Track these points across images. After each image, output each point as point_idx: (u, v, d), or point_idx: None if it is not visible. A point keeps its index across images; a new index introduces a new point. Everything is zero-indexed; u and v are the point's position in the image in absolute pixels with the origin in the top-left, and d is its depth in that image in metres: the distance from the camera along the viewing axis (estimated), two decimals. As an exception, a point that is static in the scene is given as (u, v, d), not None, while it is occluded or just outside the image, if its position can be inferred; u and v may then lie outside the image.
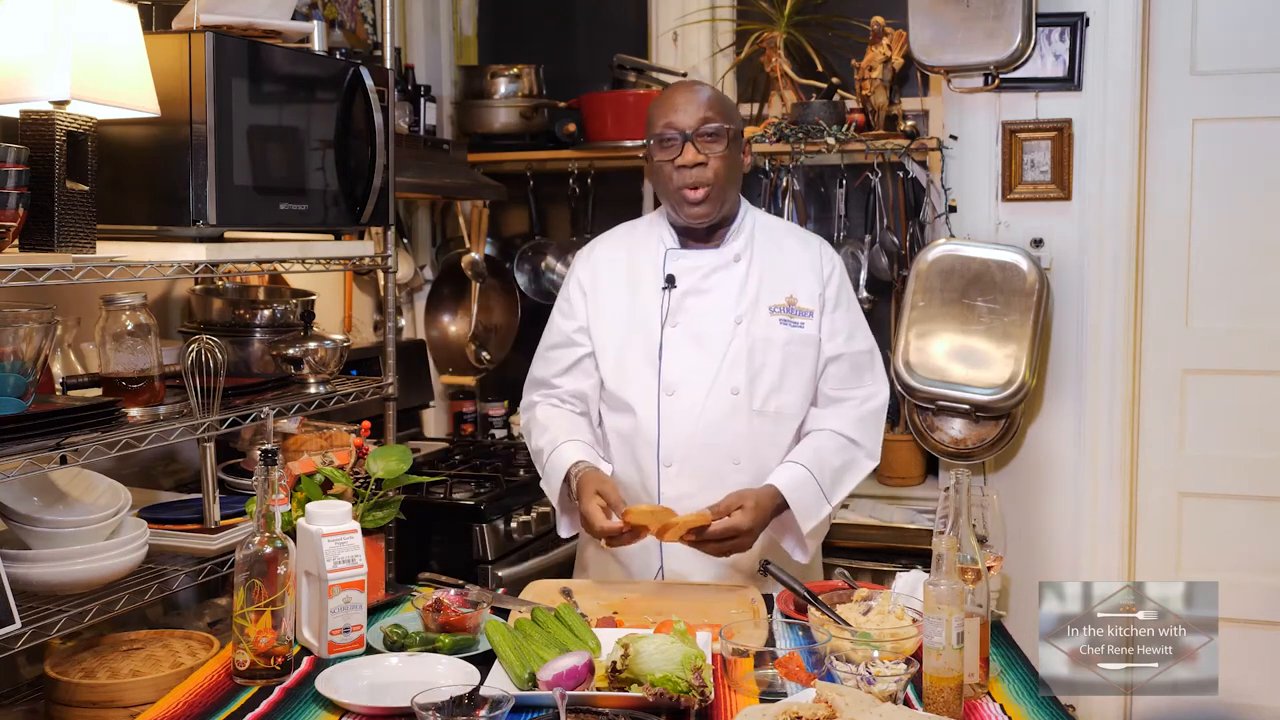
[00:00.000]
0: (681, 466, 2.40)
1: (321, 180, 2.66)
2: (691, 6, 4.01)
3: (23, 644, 1.96)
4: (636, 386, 2.43)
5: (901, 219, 3.70)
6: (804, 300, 2.46)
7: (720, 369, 2.40)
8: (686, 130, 2.36)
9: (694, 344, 2.42)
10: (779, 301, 2.45)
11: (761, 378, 2.41)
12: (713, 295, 2.45)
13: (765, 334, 2.42)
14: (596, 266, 2.54)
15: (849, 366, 2.48)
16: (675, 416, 2.40)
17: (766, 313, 2.43)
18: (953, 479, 1.84)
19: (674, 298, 2.43)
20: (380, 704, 1.76)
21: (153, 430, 2.20)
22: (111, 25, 2.10)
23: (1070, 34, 3.43)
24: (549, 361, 2.54)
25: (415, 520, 2.99)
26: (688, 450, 2.40)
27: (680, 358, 2.41)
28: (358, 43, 3.73)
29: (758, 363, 2.41)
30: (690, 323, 2.43)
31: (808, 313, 2.45)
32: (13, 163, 1.95)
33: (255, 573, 1.86)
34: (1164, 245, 3.49)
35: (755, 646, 1.89)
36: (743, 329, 2.42)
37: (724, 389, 2.40)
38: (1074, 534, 3.54)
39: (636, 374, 2.43)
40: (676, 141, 2.37)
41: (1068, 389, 3.53)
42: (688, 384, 2.41)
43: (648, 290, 2.46)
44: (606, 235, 2.63)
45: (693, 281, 2.45)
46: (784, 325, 2.44)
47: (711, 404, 2.40)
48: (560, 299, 2.57)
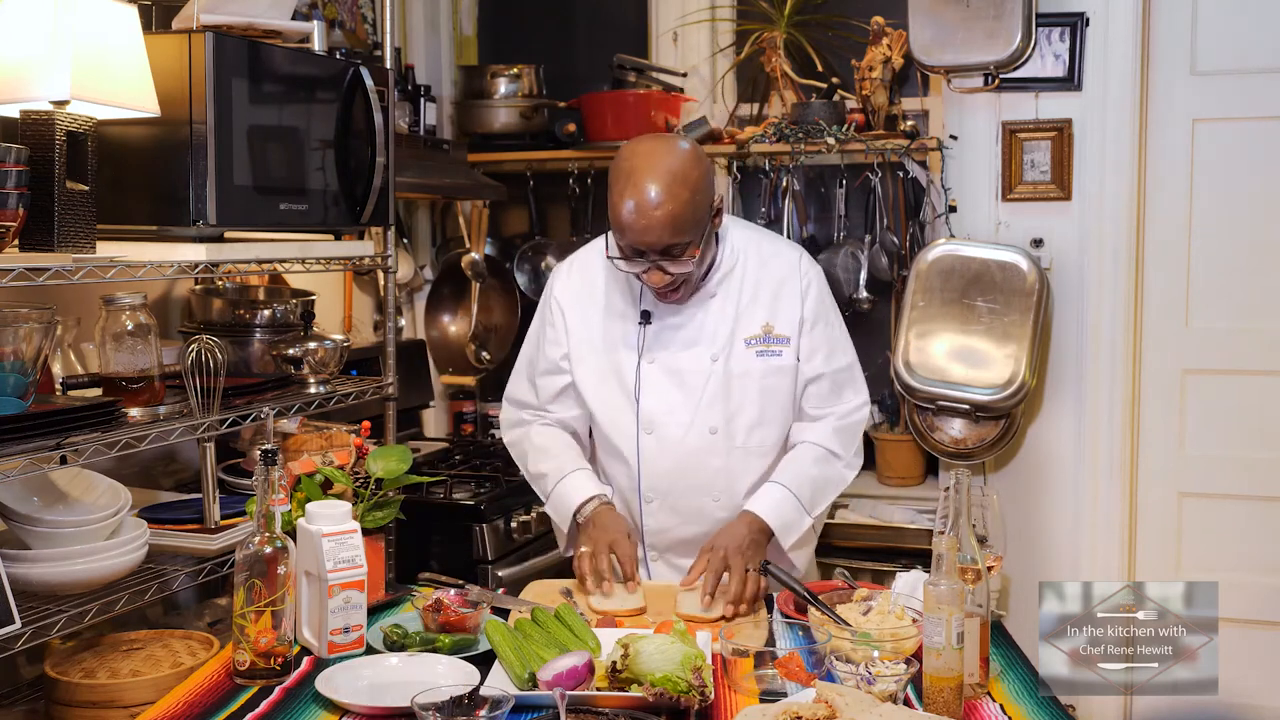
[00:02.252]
0: (662, 502, 2.43)
1: (321, 180, 2.66)
2: (691, 6, 4.01)
3: (23, 644, 1.96)
4: (616, 421, 2.43)
5: (901, 219, 3.70)
6: (780, 326, 2.41)
7: (698, 408, 2.39)
8: (650, 254, 2.23)
9: (671, 381, 2.40)
10: (755, 332, 2.40)
11: (740, 416, 2.40)
12: (687, 331, 2.41)
13: (743, 368, 2.39)
14: (575, 289, 2.49)
15: (829, 385, 2.45)
16: (654, 454, 2.41)
17: (743, 346, 2.40)
18: (953, 479, 1.85)
19: (649, 334, 2.41)
20: (380, 704, 1.76)
21: (153, 430, 2.20)
22: (111, 25, 2.10)
23: (1070, 34, 3.43)
24: (538, 388, 2.52)
25: (415, 520, 2.99)
26: (668, 486, 2.42)
27: (657, 396, 2.40)
28: (358, 43, 3.73)
29: (735, 401, 2.39)
30: (667, 359, 2.41)
31: (784, 339, 2.41)
32: (13, 163, 1.95)
33: (255, 573, 1.86)
34: (1164, 245, 3.49)
35: (755, 646, 1.89)
36: (719, 366, 2.39)
37: (702, 428, 2.40)
38: (1074, 534, 3.54)
39: (615, 409, 2.43)
40: (641, 259, 2.25)
41: (1068, 389, 3.53)
42: (665, 423, 2.40)
43: (623, 319, 2.43)
44: (583, 253, 2.55)
45: (667, 317, 2.41)
46: (760, 357, 2.40)
47: (690, 442, 2.40)
48: (543, 321, 2.52)
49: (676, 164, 2.22)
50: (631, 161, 2.23)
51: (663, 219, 2.18)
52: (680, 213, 2.19)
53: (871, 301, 3.70)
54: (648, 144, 2.29)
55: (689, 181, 2.21)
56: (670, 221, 2.18)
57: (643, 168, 2.20)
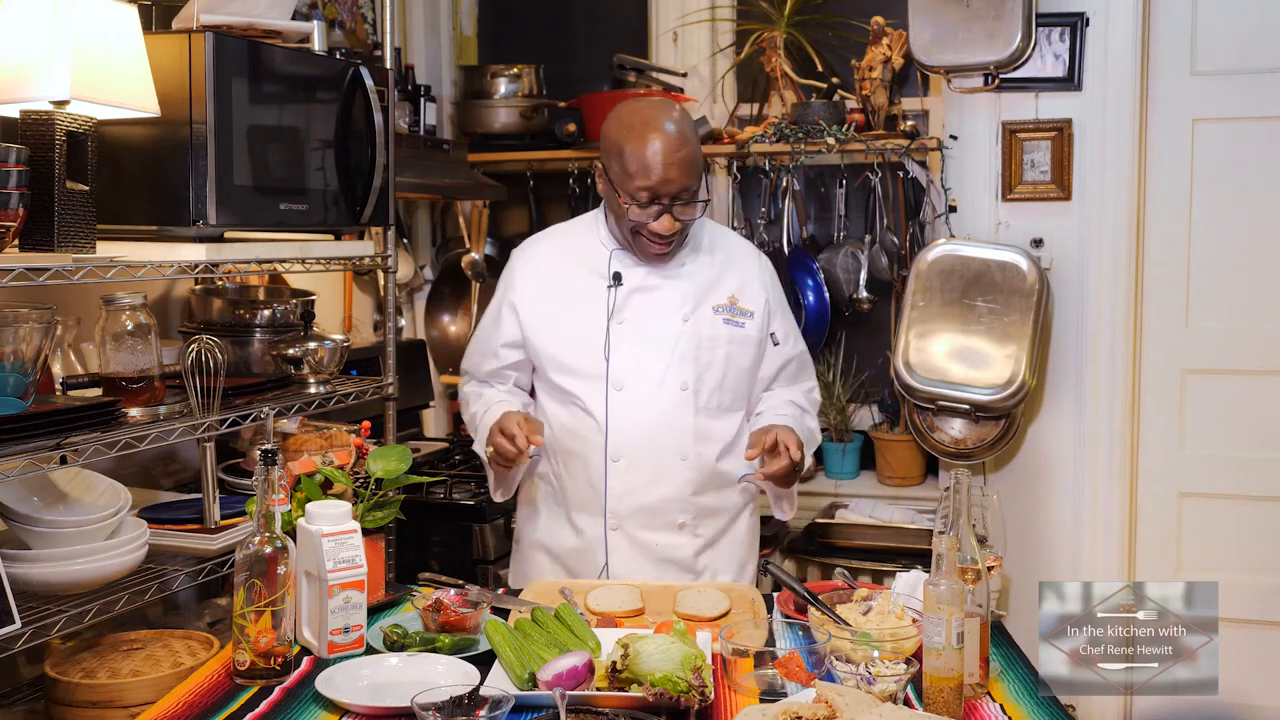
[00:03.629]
0: (630, 461, 2.44)
1: (321, 180, 2.66)
2: (691, 6, 4.01)
3: (23, 644, 1.96)
4: (582, 382, 2.46)
5: (901, 219, 3.70)
6: (745, 301, 2.52)
7: (669, 365, 2.45)
8: (666, 199, 2.35)
9: (642, 341, 2.45)
10: (721, 301, 2.51)
11: (707, 375, 2.47)
12: (659, 293, 2.48)
13: (710, 332, 2.48)
14: (537, 264, 2.56)
15: (796, 366, 2.63)
16: (624, 411, 2.43)
17: (710, 311, 2.49)
18: (953, 479, 1.85)
19: (620, 295, 2.46)
20: (380, 704, 1.76)
21: (153, 430, 2.20)
22: (111, 25, 2.10)
23: (1070, 34, 3.43)
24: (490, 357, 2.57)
25: (415, 520, 3.00)
26: (637, 445, 2.44)
27: (628, 354, 2.45)
28: (358, 43, 3.73)
29: (704, 360, 2.47)
30: (637, 320, 2.46)
31: (749, 313, 2.52)
32: (13, 163, 1.95)
33: (255, 573, 1.86)
34: (1164, 245, 3.49)
35: (755, 646, 1.89)
36: (689, 327, 2.47)
37: (674, 384, 2.45)
38: (1074, 534, 3.54)
39: (581, 369, 2.46)
40: (654, 207, 2.36)
41: (1068, 389, 3.53)
42: (637, 379, 2.44)
43: (590, 288, 2.48)
44: (544, 234, 2.66)
45: (638, 280, 2.47)
46: (726, 324, 2.50)
47: (661, 399, 2.44)
48: (502, 299, 2.57)
49: (680, 115, 2.40)
50: (642, 114, 2.38)
51: (685, 159, 2.33)
52: (695, 157, 2.36)
53: (871, 301, 3.70)
54: (647, 100, 2.51)
55: (694, 131, 2.40)
56: (691, 163, 2.34)
57: (658, 117, 2.37)
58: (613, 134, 2.39)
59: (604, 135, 2.42)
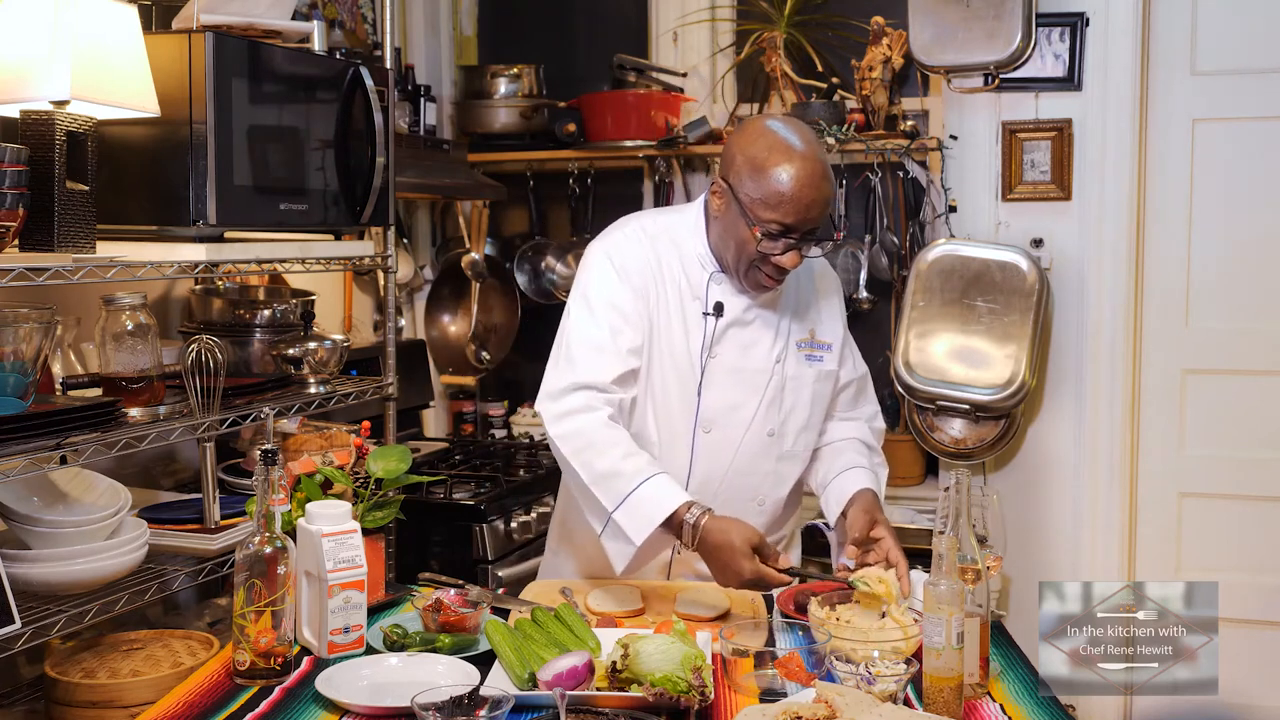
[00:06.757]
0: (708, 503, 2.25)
1: (321, 180, 2.66)
2: (691, 6, 4.01)
3: (23, 644, 1.96)
4: (672, 417, 2.29)
5: (901, 219, 3.70)
6: (822, 333, 2.38)
7: (759, 410, 2.30)
8: (795, 233, 2.15)
9: (734, 380, 2.29)
10: (804, 336, 2.36)
11: (792, 419, 2.34)
12: (753, 329, 2.30)
13: (795, 371, 2.33)
14: (637, 268, 2.27)
15: (856, 389, 2.48)
16: (709, 455, 2.29)
17: (794, 348, 2.34)
18: (953, 479, 1.85)
19: (718, 327, 2.27)
20: (380, 704, 1.76)
21: (153, 430, 2.20)
22: (111, 25, 2.10)
23: (1070, 34, 3.43)
24: (614, 358, 2.21)
25: (415, 520, 2.99)
26: (716, 489, 2.30)
27: (720, 395, 2.28)
28: (358, 43, 3.73)
29: (789, 404, 2.33)
30: (731, 357, 2.29)
31: (827, 346, 2.38)
32: (13, 163, 1.95)
33: (255, 573, 1.86)
34: (1164, 245, 3.49)
35: (755, 646, 1.89)
36: (780, 367, 2.31)
37: (760, 430, 2.32)
38: (1074, 534, 3.54)
39: (671, 405, 2.28)
40: (785, 240, 2.15)
41: (1068, 389, 3.53)
42: (725, 422, 2.29)
43: (687, 310, 2.28)
44: (630, 234, 2.31)
45: (736, 312, 2.28)
46: (809, 362, 2.35)
47: (747, 444, 2.31)
48: (614, 295, 2.24)
49: (820, 141, 2.22)
50: (787, 138, 2.15)
51: (830, 195, 2.17)
52: (833, 191, 2.21)
53: (871, 301, 3.70)
54: (792, 122, 2.21)
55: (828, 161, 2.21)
56: (830, 197, 2.18)
57: (804, 143, 2.15)
58: (754, 153, 2.14)
59: (741, 151, 2.17)
